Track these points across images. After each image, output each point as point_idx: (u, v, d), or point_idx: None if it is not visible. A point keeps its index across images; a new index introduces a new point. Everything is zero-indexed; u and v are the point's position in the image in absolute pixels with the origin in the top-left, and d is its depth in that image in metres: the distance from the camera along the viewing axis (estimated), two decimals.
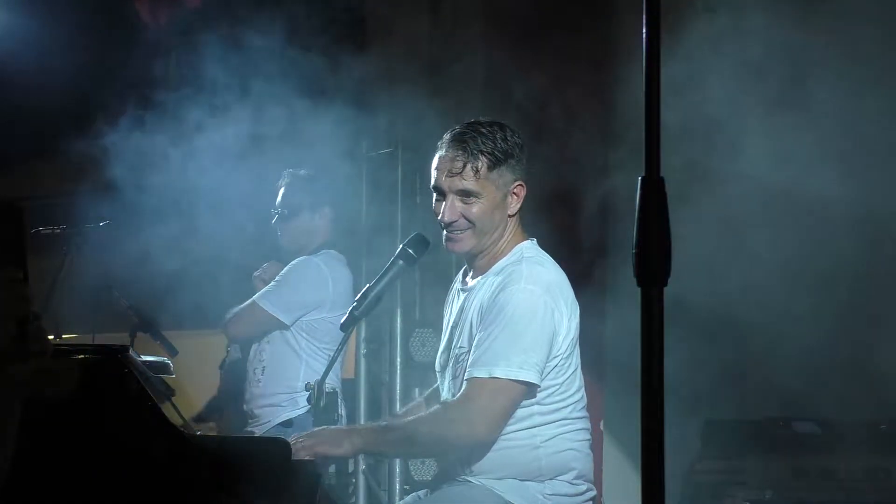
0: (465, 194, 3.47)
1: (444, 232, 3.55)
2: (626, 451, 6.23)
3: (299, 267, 5.40)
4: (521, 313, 3.37)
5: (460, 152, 3.46)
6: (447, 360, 3.60)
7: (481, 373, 3.36)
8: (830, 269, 5.61)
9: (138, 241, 5.86)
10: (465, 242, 3.52)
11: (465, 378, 3.41)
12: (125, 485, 3.20)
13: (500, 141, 3.46)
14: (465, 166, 3.45)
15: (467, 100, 6.25)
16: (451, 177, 3.47)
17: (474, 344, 3.41)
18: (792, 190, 5.63)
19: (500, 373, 3.34)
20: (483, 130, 3.47)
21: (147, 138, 5.68)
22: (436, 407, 3.53)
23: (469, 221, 3.49)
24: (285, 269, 5.43)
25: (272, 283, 5.41)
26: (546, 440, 3.45)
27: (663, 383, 2.24)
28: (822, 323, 5.58)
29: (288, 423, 5.26)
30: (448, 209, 3.48)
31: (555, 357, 3.42)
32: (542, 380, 3.40)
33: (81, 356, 3.29)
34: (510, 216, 3.52)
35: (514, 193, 3.51)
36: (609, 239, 6.33)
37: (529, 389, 3.39)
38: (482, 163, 3.44)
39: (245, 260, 5.84)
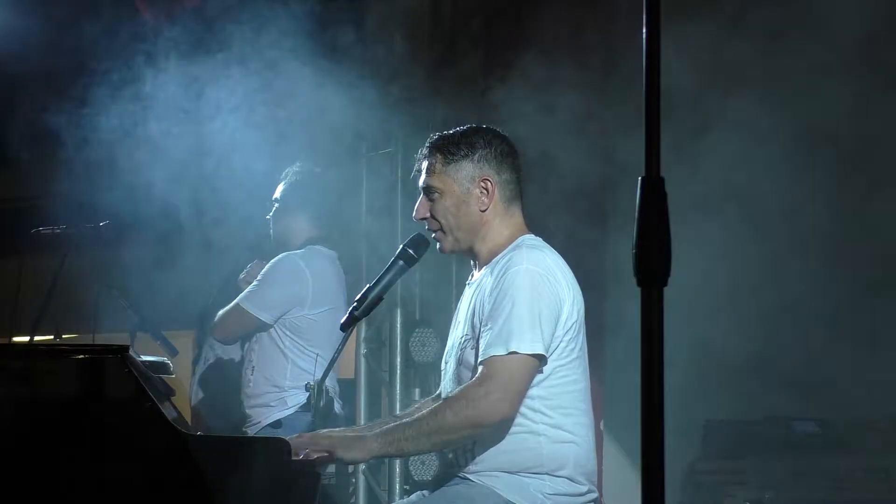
0: (429, 191, 3.61)
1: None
2: (626, 451, 6.23)
3: (277, 264, 5.34)
4: (527, 290, 3.41)
5: (424, 152, 3.64)
6: (451, 350, 3.63)
7: (499, 350, 3.38)
8: (831, 268, 5.61)
9: (138, 242, 5.86)
10: (444, 243, 3.63)
11: (480, 361, 3.41)
12: (125, 485, 3.20)
13: (461, 138, 3.60)
14: (425, 163, 3.62)
15: (467, 100, 6.24)
16: (418, 175, 3.64)
17: (486, 328, 3.44)
18: (791, 188, 5.64)
19: (515, 347, 3.37)
20: (449, 132, 3.64)
21: (144, 137, 5.68)
22: (441, 401, 3.50)
23: (436, 220, 3.60)
24: (266, 266, 5.39)
25: (254, 282, 5.38)
26: (548, 428, 3.46)
27: (663, 383, 2.24)
28: (821, 322, 5.58)
29: (277, 424, 5.22)
30: (417, 205, 3.65)
31: (558, 337, 3.45)
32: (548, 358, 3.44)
33: (81, 356, 3.29)
34: (482, 211, 3.57)
35: (481, 188, 3.57)
36: (610, 237, 6.32)
37: (541, 365, 3.43)
38: (437, 158, 3.59)
39: (245, 258, 5.83)
